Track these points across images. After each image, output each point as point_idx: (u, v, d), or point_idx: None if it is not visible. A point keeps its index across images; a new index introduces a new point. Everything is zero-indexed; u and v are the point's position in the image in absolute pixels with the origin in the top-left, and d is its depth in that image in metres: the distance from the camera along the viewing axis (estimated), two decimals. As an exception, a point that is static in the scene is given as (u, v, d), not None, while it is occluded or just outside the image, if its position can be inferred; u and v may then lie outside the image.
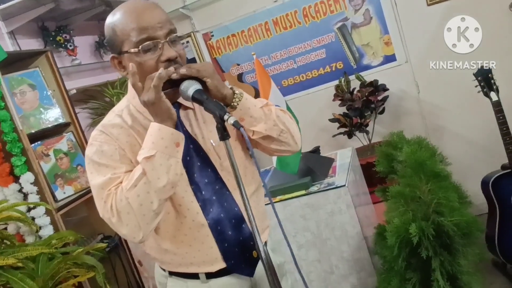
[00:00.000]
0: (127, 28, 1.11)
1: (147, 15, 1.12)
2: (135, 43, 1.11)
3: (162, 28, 1.12)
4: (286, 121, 1.27)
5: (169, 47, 1.13)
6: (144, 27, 1.11)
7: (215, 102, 1.09)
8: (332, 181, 2.20)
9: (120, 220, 1.09)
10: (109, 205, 1.09)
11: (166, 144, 1.10)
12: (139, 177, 1.08)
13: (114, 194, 1.09)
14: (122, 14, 1.13)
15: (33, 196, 2.04)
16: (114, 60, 1.18)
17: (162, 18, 1.13)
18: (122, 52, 1.14)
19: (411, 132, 3.29)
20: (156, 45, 1.12)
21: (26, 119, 2.25)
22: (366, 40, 3.42)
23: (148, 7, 1.14)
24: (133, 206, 1.08)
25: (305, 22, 3.46)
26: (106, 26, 1.17)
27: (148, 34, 1.11)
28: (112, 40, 1.15)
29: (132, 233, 1.10)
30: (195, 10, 3.60)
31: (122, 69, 1.18)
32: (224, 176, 1.25)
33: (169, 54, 1.12)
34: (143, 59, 1.12)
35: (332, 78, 3.49)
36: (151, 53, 1.12)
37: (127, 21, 1.12)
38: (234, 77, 3.72)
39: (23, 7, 2.55)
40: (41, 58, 2.43)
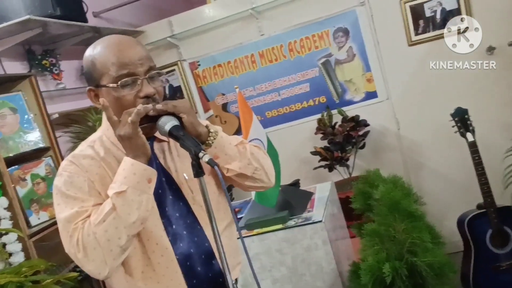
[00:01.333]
0: (108, 62, 1.13)
1: (128, 51, 1.14)
2: (115, 78, 1.12)
3: (143, 64, 1.14)
4: (261, 158, 1.29)
5: (148, 83, 1.15)
6: (125, 62, 1.12)
7: (191, 139, 1.11)
8: (309, 215, 2.21)
9: (86, 255, 1.07)
10: (75, 239, 1.08)
11: (138, 180, 1.10)
12: (109, 212, 1.07)
13: (81, 229, 1.08)
14: (104, 48, 1.15)
15: (5, 222, 2.00)
16: (91, 92, 1.19)
17: (142, 54, 1.15)
18: (100, 86, 1.15)
19: (390, 167, 3.37)
20: (135, 81, 1.14)
21: (5, 142, 2.23)
22: (349, 76, 3.50)
23: (129, 43, 1.17)
24: (100, 241, 1.06)
25: (290, 56, 3.54)
26: (85, 58, 1.18)
27: (128, 70, 1.13)
28: (91, 73, 1.16)
29: (97, 269, 1.09)
30: (183, 39, 3.66)
31: (97, 102, 1.18)
32: (196, 210, 1.25)
33: (148, 91, 1.14)
34: (121, 94, 1.13)
35: (315, 112, 3.55)
36: (129, 88, 1.13)
37: (108, 55, 1.13)
38: (219, 107, 3.76)
39: (10, 31, 2.56)
40: (24, 82, 2.42)
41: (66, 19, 2.72)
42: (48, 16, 2.58)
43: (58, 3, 2.61)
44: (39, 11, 2.55)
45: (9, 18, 2.48)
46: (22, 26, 2.55)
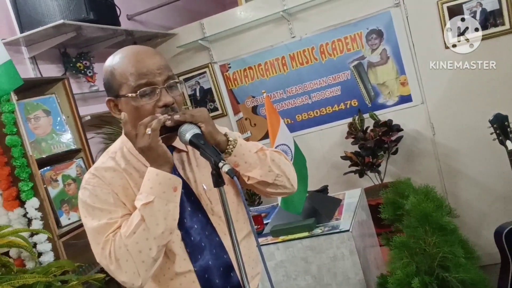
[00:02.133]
0: (127, 72, 1.13)
1: (147, 61, 1.13)
2: (133, 88, 1.12)
3: (161, 74, 1.14)
4: (282, 164, 1.26)
5: (167, 93, 1.14)
6: (144, 72, 1.12)
7: (211, 148, 1.10)
8: (336, 224, 2.16)
9: (119, 267, 1.08)
10: (107, 252, 1.09)
11: (164, 190, 1.10)
12: (138, 223, 1.07)
13: (113, 241, 1.09)
14: (123, 58, 1.15)
15: (36, 222, 2.06)
16: (110, 102, 1.19)
17: (161, 64, 1.15)
18: (119, 96, 1.15)
19: (424, 174, 3.26)
20: (154, 90, 1.13)
21: (38, 144, 2.29)
22: (382, 80, 3.40)
23: (148, 53, 1.16)
24: (132, 253, 1.07)
25: (321, 58, 3.48)
26: (105, 68, 1.19)
27: (147, 80, 1.12)
28: (110, 83, 1.16)
29: (131, 280, 1.09)
30: (214, 42, 3.67)
31: (117, 112, 1.19)
32: (215, 221, 1.24)
33: (166, 100, 1.13)
34: (140, 103, 1.13)
35: (346, 116, 3.48)
36: (148, 98, 1.13)
37: (127, 65, 1.13)
38: (249, 109, 3.74)
39: (46, 35, 2.64)
40: (58, 85, 2.49)
41: (99, 23, 2.77)
42: (81, 20, 2.64)
43: (92, 7, 2.66)
44: (73, 15, 2.61)
45: (44, 22, 2.56)
46: (57, 30, 2.62)
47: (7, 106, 2.02)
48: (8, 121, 2.01)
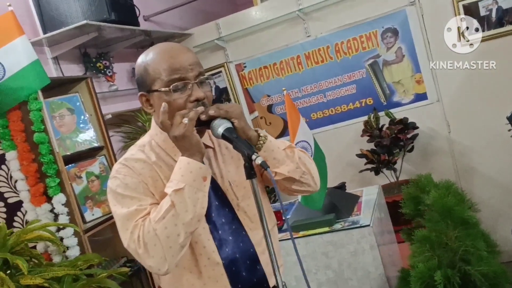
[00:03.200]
0: (160, 68, 1.17)
1: (180, 57, 1.17)
2: (166, 83, 1.16)
3: (193, 70, 1.18)
4: (307, 162, 1.30)
5: (198, 88, 1.18)
6: (176, 68, 1.16)
7: (244, 141, 1.13)
8: (356, 219, 2.18)
9: (147, 251, 1.10)
10: (136, 236, 1.11)
11: (195, 178, 1.13)
12: (168, 209, 1.10)
13: (142, 226, 1.11)
14: (156, 55, 1.19)
15: (63, 217, 2.10)
16: (142, 97, 1.22)
17: (193, 60, 1.19)
18: (152, 90, 1.19)
19: (440, 171, 3.26)
20: (186, 85, 1.17)
21: (62, 141, 2.35)
22: (397, 78, 3.42)
23: (181, 49, 1.21)
24: (161, 238, 1.09)
25: (336, 57, 3.50)
26: (138, 64, 1.23)
27: (179, 75, 1.16)
28: (143, 78, 1.20)
29: (157, 265, 1.11)
30: (229, 41, 3.71)
31: (149, 106, 1.22)
32: (241, 216, 1.27)
33: (198, 95, 1.17)
34: (172, 98, 1.16)
35: (361, 114, 3.50)
36: (180, 92, 1.16)
37: (160, 61, 1.17)
38: (264, 108, 3.77)
39: (68, 35, 2.70)
40: (81, 84, 2.54)
41: (120, 24, 2.82)
42: (103, 21, 2.69)
43: (113, 8, 2.71)
44: (95, 16, 2.66)
45: (67, 23, 2.61)
46: (79, 31, 2.68)
47: (34, 104, 2.07)
48: (36, 119, 2.06)
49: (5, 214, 2.17)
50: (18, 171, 2.10)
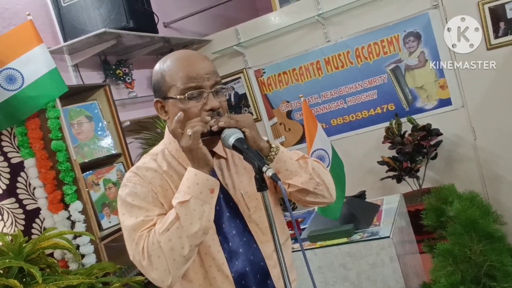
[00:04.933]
0: (176, 75, 1.15)
1: (197, 66, 1.16)
2: (182, 90, 1.14)
3: (209, 79, 1.16)
4: (322, 173, 1.26)
5: (213, 97, 1.16)
6: (193, 76, 1.15)
7: (255, 153, 1.10)
8: (376, 230, 2.11)
9: (151, 263, 1.08)
10: (141, 247, 1.09)
11: (201, 190, 1.11)
12: (172, 221, 1.09)
13: (147, 237, 1.10)
14: (173, 62, 1.18)
15: (80, 224, 2.11)
16: (158, 104, 1.22)
17: (210, 69, 1.17)
18: (167, 98, 1.18)
19: (465, 180, 3.16)
20: (201, 94, 1.15)
21: (80, 149, 2.36)
22: (420, 83, 3.33)
23: (198, 58, 1.19)
24: (164, 250, 1.08)
25: (357, 62, 3.44)
26: (155, 71, 1.22)
27: (195, 83, 1.14)
28: (159, 85, 1.19)
29: (161, 277, 1.09)
30: (248, 47, 3.69)
31: (164, 113, 1.21)
32: (252, 228, 1.24)
33: (213, 104, 1.15)
34: (187, 106, 1.15)
35: (382, 120, 3.42)
36: (195, 101, 1.15)
37: (177, 68, 1.16)
38: (283, 114, 3.73)
39: (88, 43, 2.73)
40: (100, 91, 2.56)
41: (138, 31, 2.84)
42: (122, 28, 2.71)
43: (132, 15, 2.73)
44: (114, 23, 2.68)
45: (86, 31, 2.64)
46: (99, 38, 2.70)
47: (52, 112, 2.09)
48: (54, 127, 2.08)
49: (24, 221, 2.20)
50: (36, 178, 2.12)
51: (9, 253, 1.74)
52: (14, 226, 2.17)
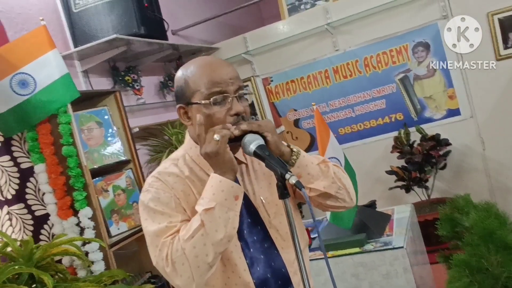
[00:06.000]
0: (200, 81, 1.15)
1: (221, 71, 1.16)
2: (206, 95, 1.14)
3: (233, 84, 1.15)
4: (342, 177, 1.25)
5: (237, 102, 1.15)
6: (217, 81, 1.14)
7: (277, 160, 1.08)
8: (389, 240, 2.09)
9: (175, 270, 1.07)
10: (165, 254, 1.09)
11: (226, 197, 1.09)
12: (197, 228, 1.07)
13: (171, 244, 1.09)
14: (197, 68, 1.18)
15: (89, 231, 2.08)
16: (181, 110, 1.21)
17: (233, 74, 1.17)
18: (191, 103, 1.17)
19: (474, 190, 3.13)
20: (226, 99, 1.14)
21: (90, 154, 2.35)
22: (429, 93, 3.33)
23: (221, 63, 1.19)
24: (189, 257, 1.07)
25: (366, 71, 3.44)
26: (177, 77, 1.21)
27: (220, 88, 1.14)
28: (183, 91, 1.18)
29: (185, 284, 1.08)
30: (256, 55, 3.69)
31: (187, 119, 1.21)
32: (273, 234, 1.22)
33: (238, 109, 1.14)
34: (211, 111, 1.14)
35: (391, 129, 3.41)
36: (220, 106, 1.14)
37: (201, 74, 1.16)
38: (291, 122, 3.72)
39: (98, 49, 2.72)
40: (110, 97, 2.55)
41: (148, 38, 2.84)
42: (132, 35, 2.71)
43: (142, 22, 2.73)
44: (125, 30, 2.68)
45: (97, 37, 2.64)
46: (109, 45, 2.70)
47: (64, 117, 2.07)
48: (65, 132, 2.06)
49: (32, 227, 2.17)
50: (46, 184, 2.10)
51: (19, 259, 1.72)
52: (23, 232, 2.14)
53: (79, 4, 2.71)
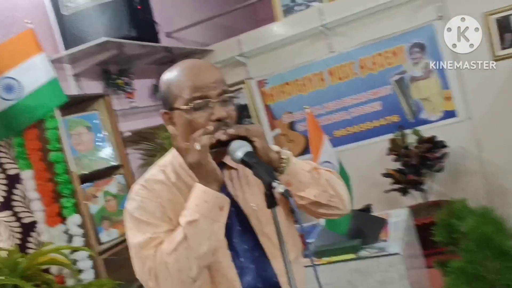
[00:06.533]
0: (182, 85, 1.11)
1: (203, 75, 1.11)
2: (187, 100, 1.10)
3: (216, 88, 1.11)
4: (336, 184, 1.20)
5: (220, 106, 1.10)
6: (199, 86, 1.10)
7: (265, 167, 1.04)
8: (384, 246, 2.05)
9: (158, 285, 1.04)
10: (147, 267, 1.05)
11: (210, 208, 1.05)
12: (180, 242, 1.03)
13: (154, 257, 1.05)
14: (179, 72, 1.14)
15: (78, 238, 2.04)
16: (165, 115, 1.17)
17: (217, 78, 1.12)
18: (174, 108, 1.13)
19: (471, 193, 3.10)
20: (207, 104, 1.10)
21: (80, 160, 2.30)
22: (425, 94, 3.29)
23: (205, 67, 1.14)
24: (172, 271, 1.03)
25: (361, 73, 3.40)
26: (162, 81, 1.17)
27: (201, 93, 1.09)
28: (166, 96, 1.15)
29: None
30: (251, 58, 3.65)
31: (172, 125, 1.16)
32: (264, 242, 1.18)
33: (219, 114, 1.10)
34: (193, 116, 1.10)
35: (386, 131, 3.37)
36: (202, 111, 1.10)
37: (183, 78, 1.12)
38: (285, 125, 3.68)
39: (89, 52, 2.68)
40: (99, 101, 2.50)
41: (140, 40, 2.79)
42: (123, 38, 2.67)
43: (134, 25, 2.69)
44: (116, 33, 2.64)
45: (88, 40, 2.59)
46: (100, 48, 2.66)
47: (51, 122, 2.03)
48: (52, 138, 2.02)
49: (20, 235, 2.11)
50: (33, 190, 2.05)
51: (4, 269, 1.67)
52: (11, 240, 2.09)
53: (70, 6, 2.67)
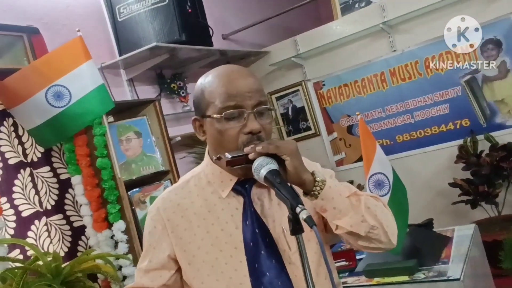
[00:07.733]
0: (215, 92, 1.03)
1: (238, 82, 1.03)
2: (220, 109, 1.02)
3: (252, 98, 1.02)
4: (379, 213, 1.04)
5: (254, 119, 1.01)
6: (233, 94, 1.02)
7: (289, 188, 0.93)
8: (444, 268, 1.84)
9: None
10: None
11: None
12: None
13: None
14: (214, 78, 1.06)
15: (122, 245, 2.05)
16: (196, 122, 1.10)
17: (253, 87, 1.03)
18: (205, 116, 1.05)
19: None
20: (241, 114, 1.01)
21: (128, 165, 2.32)
22: (501, 96, 2.96)
23: (241, 74, 1.06)
24: None
25: (426, 73, 3.14)
26: (196, 86, 1.11)
27: (235, 102, 1.01)
28: (199, 102, 1.08)
29: None
30: (307, 59, 3.52)
31: (202, 133, 1.10)
32: (292, 271, 1.05)
33: (253, 127, 1.01)
34: (224, 127, 1.02)
35: (455, 137, 3.09)
36: (234, 122, 1.01)
37: (217, 84, 1.04)
38: (344, 129, 3.51)
39: (142, 57, 2.71)
40: (150, 106, 2.52)
41: (192, 44, 2.78)
42: (174, 42, 2.66)
43: (185, 29, 2.68)
44: (166, 37, 2.65)
45: (140, 45, 2.63)
46: (152, 53, 2.68)
47: (98, 129, 2.06)
48: (99, 144, 2.05)
49: (70, 238, 2.18)
50: (82, 195, 2.10)
51: (47, 275, 1.70)
52: (61, 242, 2.16)
53: (124, 12, 2.72)
